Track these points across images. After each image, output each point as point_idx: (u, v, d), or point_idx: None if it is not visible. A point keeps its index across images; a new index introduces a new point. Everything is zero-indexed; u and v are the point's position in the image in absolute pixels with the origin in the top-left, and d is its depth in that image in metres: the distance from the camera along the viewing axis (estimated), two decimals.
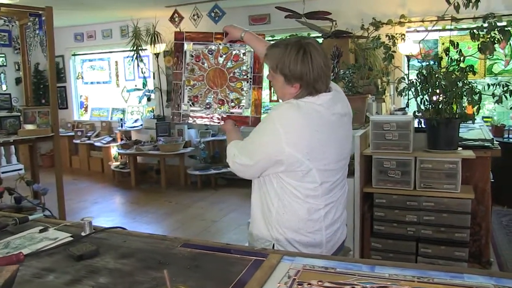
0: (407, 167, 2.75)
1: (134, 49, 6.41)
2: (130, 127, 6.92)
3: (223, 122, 1.79)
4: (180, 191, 5.96)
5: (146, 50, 6.56)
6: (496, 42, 2.69)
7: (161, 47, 6.44)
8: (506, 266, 3.16)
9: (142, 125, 6.85)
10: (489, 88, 2.73)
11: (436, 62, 2.87)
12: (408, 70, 4.92)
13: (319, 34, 4.78)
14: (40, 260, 1.23)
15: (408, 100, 4.57)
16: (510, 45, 4.86)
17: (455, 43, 2.84)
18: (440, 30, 4.93)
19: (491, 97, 2.74)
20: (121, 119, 7.31)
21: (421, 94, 2.75)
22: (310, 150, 1.38)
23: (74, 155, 7.78)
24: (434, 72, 2.67)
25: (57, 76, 6.06)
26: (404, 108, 4.36)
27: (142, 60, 6.54)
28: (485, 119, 4.92)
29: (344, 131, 1.51)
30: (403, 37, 4.08)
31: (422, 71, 2.74)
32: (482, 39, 2.74)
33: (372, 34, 4.50)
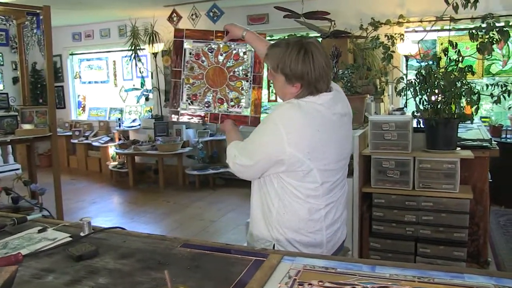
0: (406, 167, 2.75)
1: (132, 48, 6.40)
2: (128, 127, 6.91)
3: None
4: (178, 191, 5.95)
5: (144, 49, 6.55)
6: (494, 42, 2.70)
7: (159, 47, 6.43)
8: (503, 265, 3.17)
9: (140, 125, 6.83)
10: (487, 88, 2.74)
11: (434, 62, 2.87)
12: (406, 70, 4.93)
13: (318, 34, 4.78)
14: (39, 260, 1.22)
15: (406, 100, 4.58)
16: (508, 45, 4.87)
17: (454, 43, 2.84)
18: (438, 30, 4.94)
19: (489, 97, 2.75)
20: (119, 119, 7.30)
21: (420, 94, 2.75)
22: (311, 150, 1.38)
23: (72, 155, 7.76)
24: (433, 72, 2.68)
25: (54, 75, 6.05)
26: (402, 108, 4.37)
27: (140, 59, 6.53)
28: (483, 119, 4.94)
29: (344, 131, 1.51)
30: (402, 37, 4.08)
31: (421, 71, 2.74)
32: (480, 40, 2.74)
33: (371, 34, 4.50)
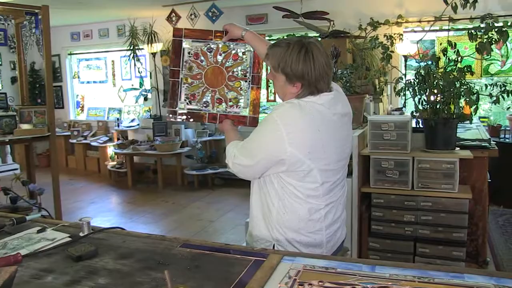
0: (405, 167, 2.75)
1: (131, 48, 6.39)
2: (127, 127, 6.90)
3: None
4: (177, 191, 5.94)
5: (143, 49, 6.54)
6: (493, 42, 2.70)
7: (158, 47, 6.42)
8: (502, 265, 3.18)
9: (138, 124, 6.83)
10: (486, 88, 2.74)
11: (433, 62, 2.88)
12: (405, 70, 4.94)
13: (317, 34, 4.78)
14: (38, 261, 1.22)
15: (405, 100, 4.59)
16: (506, 45, 4.88)
17: (453, 43, 2.85)
18: (437, 30, 4.95)
19: (488, 97, 2.75)
20: (117, 119, 7.29)
21: (419, 94, 2.76)
22: (312, 150, 1.38)
23: (71, 155, 7.74)
24: (432, 72, 2.68)
25: (53, 75, 6.03)
26: (401, 108, 4.37)
27: (139, 59, 6.52)
28: (481, 119, 4.95)
29: (344, 131, 1.51)
30: (401, 37, 4.09)
31: (420, 71, 2.74)
32: (479, 40, 2.74)
33: (369, 34, 4.50)
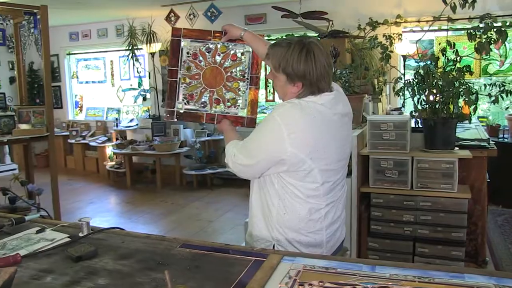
0: (404, 167, 2.76)
1: (130, 48, 6.38)
2: (126, 127, 6.89)
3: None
4: (175, 191, 5.94)
5: (141, 49, 6.53)
6: (492, 42, 2.71)
7: (156, 47, 6.42)
8: (501, 265, 3.18)
9: (137, 124, 6.82)
10: (485, 88, 2.75)
11: (433, 62, 2.88)
12: (404, 70, 4.94)
13: (316, 34, 4.78)
14: (37, 261, 1.21)
15: (404, 100, 4.59)
16: (505, 45, 4.89)
17: (452, 43, 2.85)
18: (435, 30, 4.95)
19: (486, 97, 2.76)
20: (116, 119, 7.28)
21: (418, 94, 2.76)
22: (312, 150, 1.38)
23: (69, 155, 7.73)
24: (431, 72, 2.68)
25: (51, 75, 6.02)
26: (400, 108, 4.37)
27: (137, 59, 6.51)
28: (480, 119, 4.95)
29: (345, 131, 1.51)
30: (400, 37, 4.09)
31: (419, 71, 2.75)
32: (478, 39, 2.75)
33: (368, 34, 4.50)
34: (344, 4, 5.42)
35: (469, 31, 2.78)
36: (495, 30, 2.66)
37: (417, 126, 3.07)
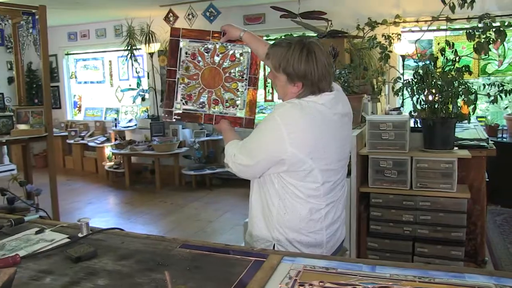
0: (403, 167, 2.76)
1: (128, 48, 6.37)
2: (124, 127, 6.88)
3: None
4: (175, 191, 5.93)
5: (140, 49, 6.53)
6: (491, 42, 2.71)
7: (155, 47, 6.41)
8: (500, 264, 3.19)
9: (136, 125, 6.81)
10: (484, 88, 2.75)
11: (432, 62, 2.88)
12: (403, 70, 4.94)
13: (314, 34, 4.79)
14: (37, 262, 1.21)
15: (403, 100, 4.59)
16: (503, 45, 4.90)
17: (451, 43, 2.85)
18: (434, 30, 4.96)
19: (485, 96, 2.76)
20: (115, 119, 7.27)
21: (417, 94, 2.76)
22: (312, 150, 1.38)
23: (68, 155, 7.72)
24: (430, 72, 2.68)
25: (50, 75, 6.01)
26: (399, 108, 4.37)
27: (136, 59, 6.50)
28: (479, 119, 4.96)
29: (345, 131, 1.51)
30: (399, 37, 4.09)
31: (418, 71, 2.75)
32: (477, 39, 2.75)
33: (367, 34, 4.51)
34: (343, 4, 5.43)
35: (468, 31, 2.79)
36: (494, 30, 2.66)
37: (416, 126, 3.08)
